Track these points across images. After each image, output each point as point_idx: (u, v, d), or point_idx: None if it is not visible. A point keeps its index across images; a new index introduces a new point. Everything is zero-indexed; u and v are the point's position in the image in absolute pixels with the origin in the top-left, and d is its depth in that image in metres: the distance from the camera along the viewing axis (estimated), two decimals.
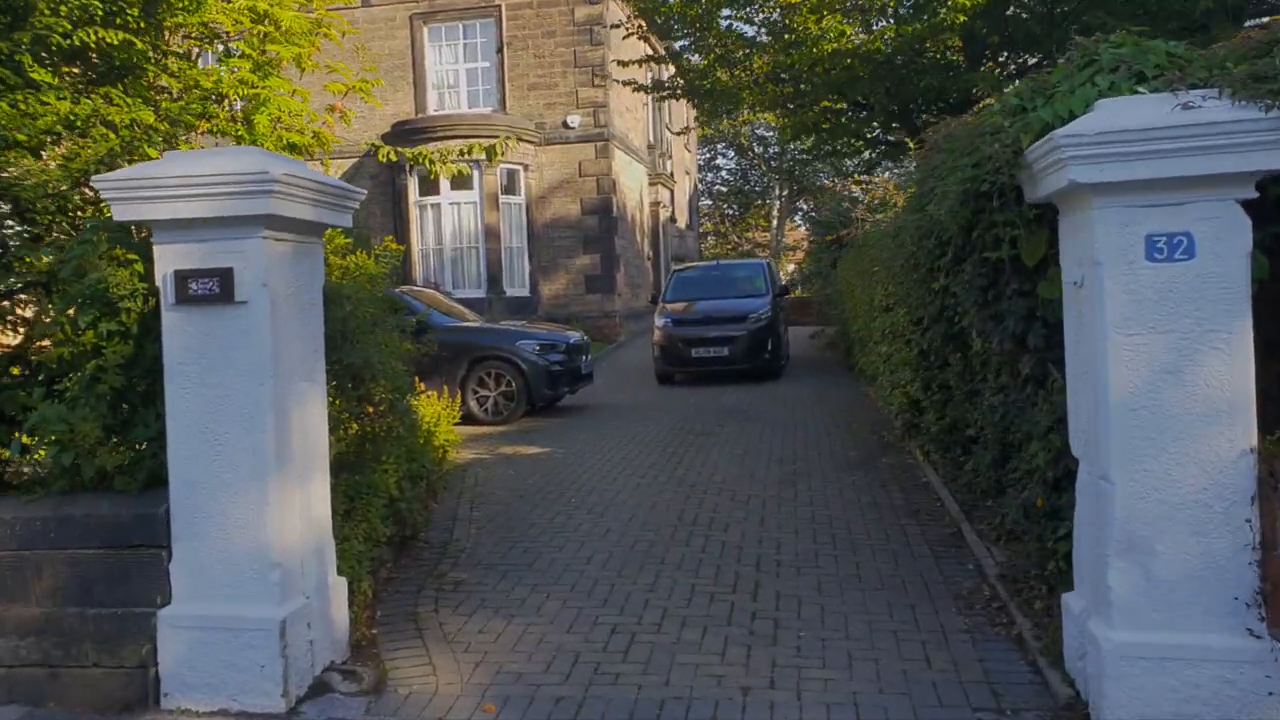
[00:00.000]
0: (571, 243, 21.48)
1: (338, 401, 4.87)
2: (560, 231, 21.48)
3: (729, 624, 4.49)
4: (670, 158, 29.32)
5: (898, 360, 7.57)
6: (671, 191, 29.29)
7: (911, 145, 9.08)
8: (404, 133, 20.67)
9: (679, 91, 17.10)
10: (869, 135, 16.34)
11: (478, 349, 11.24)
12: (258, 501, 3.74)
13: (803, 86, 14.14)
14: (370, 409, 5.24)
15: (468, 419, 10.90)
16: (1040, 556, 4.36)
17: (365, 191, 4.58)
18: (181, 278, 3.72)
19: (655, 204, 26.92)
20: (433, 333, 11.28)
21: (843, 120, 15.59)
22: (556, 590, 5.05)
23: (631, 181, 23.98)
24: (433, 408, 7.55)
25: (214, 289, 3.70)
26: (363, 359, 4.91)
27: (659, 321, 14.50)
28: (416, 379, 6.35)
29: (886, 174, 18.04)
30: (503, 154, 6.43)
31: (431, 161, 7.31)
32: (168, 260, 3.75)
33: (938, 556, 5.34)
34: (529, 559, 5.63)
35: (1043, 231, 3.88)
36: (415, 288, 14.01)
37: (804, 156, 50.54)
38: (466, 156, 5.62)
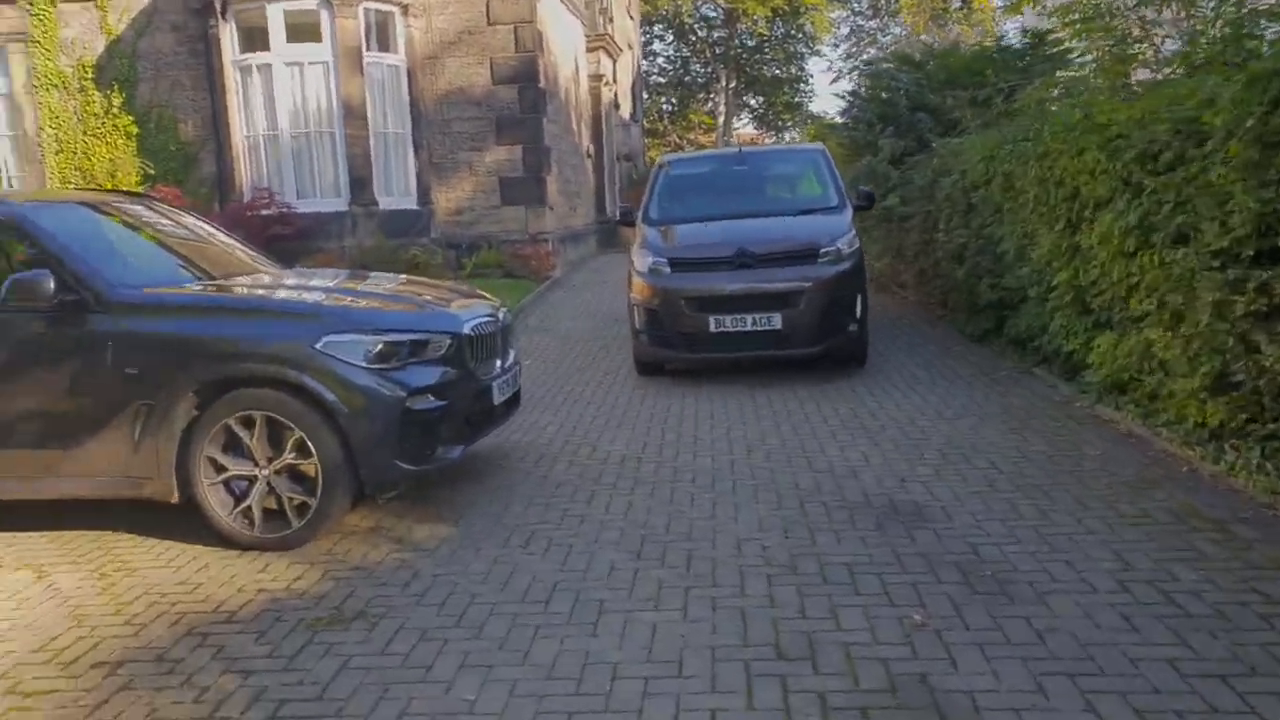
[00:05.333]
0: (479, 127, 14.35)
1: None
2: (461, 110, 14.31)
3: None
4: (612, 20, 22.03)
5: None
6: (614, 65, 22.07)
7: None
8: None
9: None
10: None
11: (226, 357, 4.37)
12: None
13: None
14: None
15: (194, 526, 4.15)
16: None
17: None
18: None
19: (596, 78, 19.72)
20: (109, 314, 4.48)
21: None
22: None
23: (564, 41, 16.76)
24: None
25: None
26: None
27: (643, 262, 7.48)
28: None
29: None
30: None
31: None
32: None
33: None
34: None
35: None
36: (108, 195, 5.80)
37: (753, 41, 43.49)
38: None
